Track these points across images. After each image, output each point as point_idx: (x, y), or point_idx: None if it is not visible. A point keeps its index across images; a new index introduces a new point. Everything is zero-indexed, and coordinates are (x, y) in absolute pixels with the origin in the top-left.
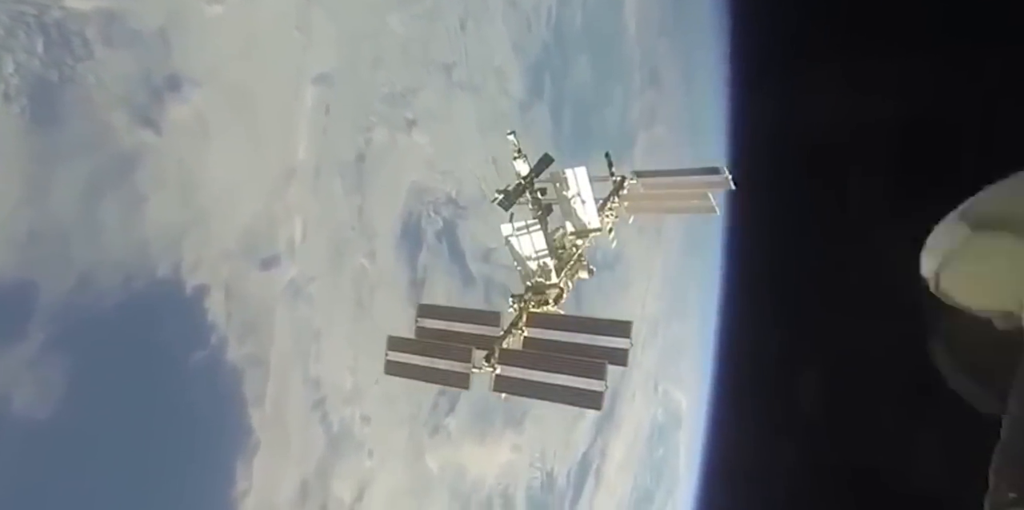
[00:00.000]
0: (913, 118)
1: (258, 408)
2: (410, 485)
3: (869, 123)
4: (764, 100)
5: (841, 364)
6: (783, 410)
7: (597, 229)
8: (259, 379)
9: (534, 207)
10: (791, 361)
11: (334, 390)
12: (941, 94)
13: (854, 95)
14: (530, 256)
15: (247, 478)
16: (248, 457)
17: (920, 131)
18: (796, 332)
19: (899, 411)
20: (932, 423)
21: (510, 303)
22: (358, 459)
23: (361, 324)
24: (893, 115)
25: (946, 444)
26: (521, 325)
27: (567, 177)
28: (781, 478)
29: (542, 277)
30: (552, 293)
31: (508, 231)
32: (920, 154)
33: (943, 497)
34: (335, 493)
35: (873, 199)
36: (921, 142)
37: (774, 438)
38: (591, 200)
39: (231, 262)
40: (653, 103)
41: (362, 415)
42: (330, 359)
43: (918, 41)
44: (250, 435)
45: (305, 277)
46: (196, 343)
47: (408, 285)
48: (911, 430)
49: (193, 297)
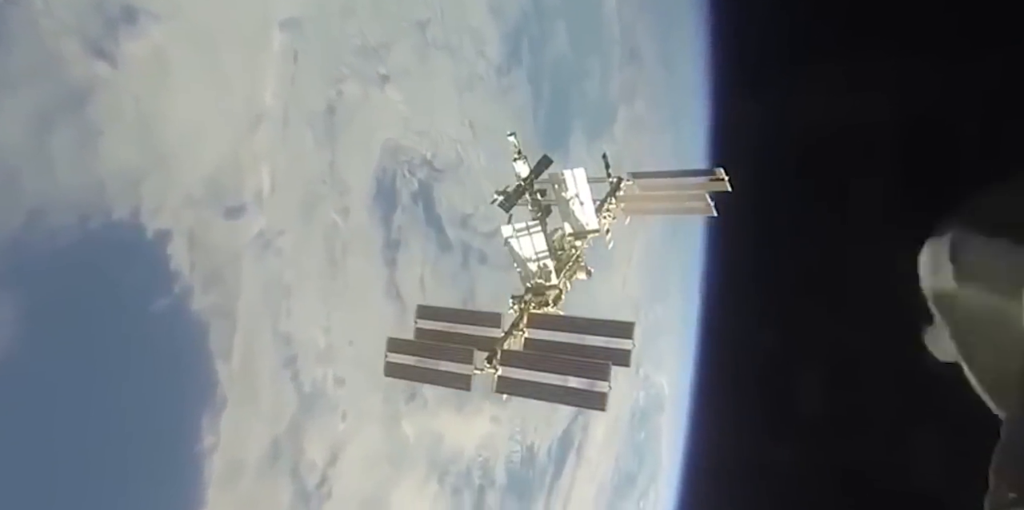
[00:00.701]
0: (896, 112)
1: (225, 362)
2: (386, 451)
3: (852, 112)
4: (747, 86)
5: (823, 350)
6: (766, 398)
7: (595, 230)
8: (226, 332)
9: (533, 208)
10: (773, 348)
11: (306, 348)
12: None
13: (838, 83)
14: (530, 257)
15: (214, 433)
16: (215, 412)
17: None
18: (777, 318)
19: (882, 397)
20: (914, 410)
21: (510, 304)
22: (332, 421)
23: (334, 282)
24: (876, 109)
25: (929, 435)
26: (522, 326)
27: (565, 178)
28: (765, 469)
29: (542, 278)
30: (552, 294)
31: (509, 232)
32: (905, 144)
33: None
34: (308, 455)
35: (847, 188)
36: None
37: (757, 428)
38: (589, 201)
39: (195, 209)
40: (633, 79)
41: (336, 376)
42: (301, 316)
43: (899, 35)
44: (216, 389)
45: (274, 230)
46: (158, 290)
47: (383, 246)
48: (896, 415)
49: (154, 242)
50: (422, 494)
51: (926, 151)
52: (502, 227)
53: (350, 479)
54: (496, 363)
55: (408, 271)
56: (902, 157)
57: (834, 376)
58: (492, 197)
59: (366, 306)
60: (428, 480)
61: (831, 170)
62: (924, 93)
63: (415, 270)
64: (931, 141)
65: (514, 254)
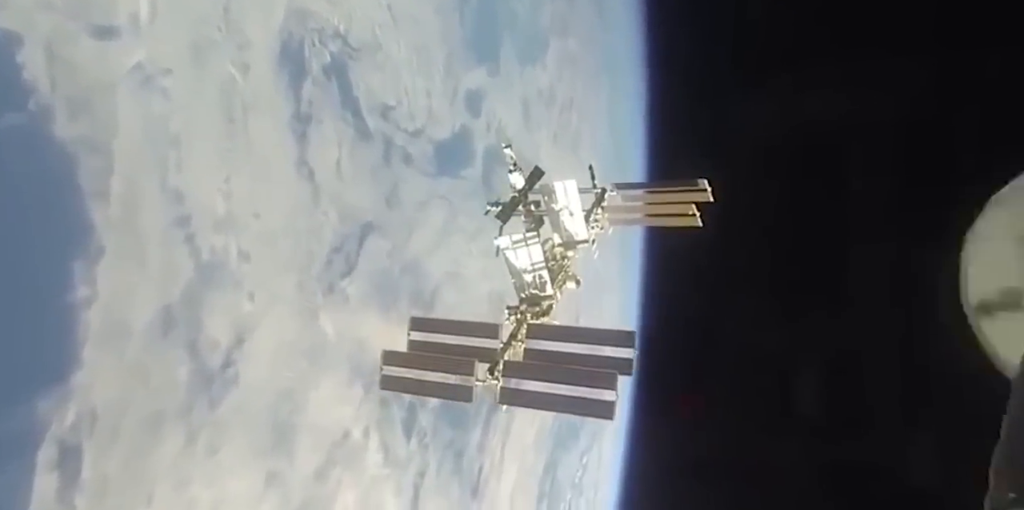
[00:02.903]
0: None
1: (100, 203)
2: (302, 345)
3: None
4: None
5: (770, 336)
6: (707, 349)
7: (585, 240)
8: (100, 171)
9: (527, 220)
10: (710, 331)
11: (201, 211)
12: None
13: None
14: (526, 268)
15: (89, 284)
16: (90, 260)
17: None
18: (714, 305)
19: (882, 397)
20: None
21: (506, 315)
22: (236, 299)
23: (234, 143)
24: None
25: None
26: (520, 336)
27: (556, 190)
28: (701, 424)
29: (537, 289)
30: (546, 304)
31: (506, 244)
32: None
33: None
34: (208, 331)
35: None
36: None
37: (702, 387)
38: (580, 212)
39: (52, 15)
40: (564, 15)
41: (240, 250)
42: (195, 173)
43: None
44: (91, 234)
45: (157, 66)
46: (7, 102)
47: (291, 116)
48: (895, 415)
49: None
50: (346, 399)
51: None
52: (500, 239)
53: (260, 367)
54: (499, 374)
55: (322, 151)
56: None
57: (832, 376)
58: (486, 209)
59: (273, 179)
60: (352, 385)
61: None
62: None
63: (330, 152)
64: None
65: (509, 265)
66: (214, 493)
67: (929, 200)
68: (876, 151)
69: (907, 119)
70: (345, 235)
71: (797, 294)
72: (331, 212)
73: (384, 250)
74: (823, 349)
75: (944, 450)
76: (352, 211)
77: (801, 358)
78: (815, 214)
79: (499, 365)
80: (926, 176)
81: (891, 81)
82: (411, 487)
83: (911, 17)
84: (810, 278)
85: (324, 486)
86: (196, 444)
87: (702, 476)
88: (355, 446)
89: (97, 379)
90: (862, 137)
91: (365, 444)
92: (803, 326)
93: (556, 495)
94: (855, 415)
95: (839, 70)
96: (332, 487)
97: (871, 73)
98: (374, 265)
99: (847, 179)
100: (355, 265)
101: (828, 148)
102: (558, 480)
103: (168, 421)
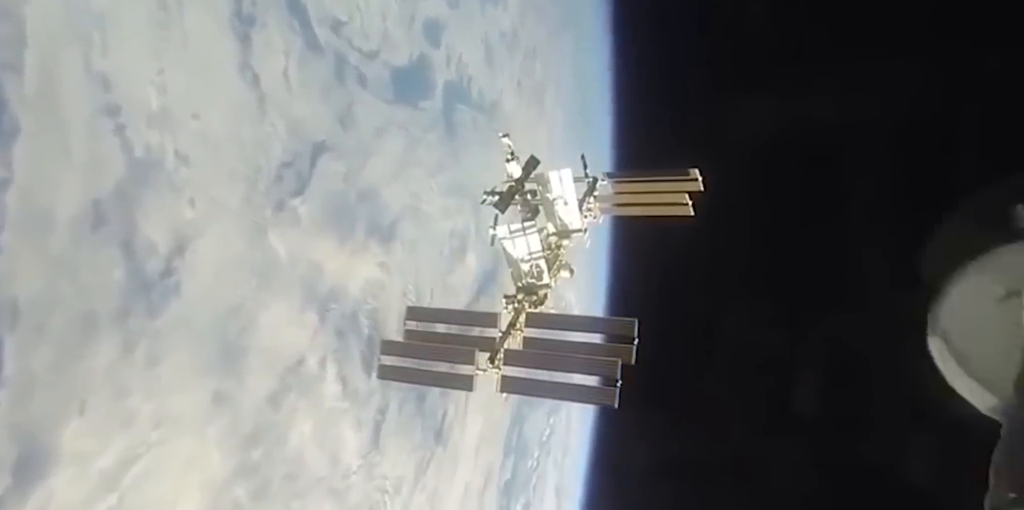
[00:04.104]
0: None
1: (13, 76)
2: (251, 262)
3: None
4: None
5: (770, 336)
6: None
7: (579, 229)
8: (11, 42)
9: (524, 209)
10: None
11: (131, 102)
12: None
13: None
14: (523, 258)
15: (3, 165)
16: (4, 139)
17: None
18: (715, 304)
19: (882, 396)
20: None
21: (504, 304)
22: (175, 202)
23: (168, 34)
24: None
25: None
26: (519, 325)
27: (551, 179)
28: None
29: (534, 278)
30: (542, 293)
31: (504, 233)
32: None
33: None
34: (145, 233)
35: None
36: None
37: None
38: (574, 201)
39: None
40: None
41: (177, 151)
42: (123, 59)
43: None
44: (3, 110)
45: None
46: None
47: (231, 14)
48: (896, 415)
49: None
50: (299, 323)
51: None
52: (497, 228)
53: (205, 280)
54: (499, 363)
55: (267, 57)
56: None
57: (832, 375)
58: (482, 198)
59: (214, 79)
60: (305, 311)
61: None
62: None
63: (277, 60)
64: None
65: (507, 254)
66: (155, 407)
67: (929, 200)
68: (876, 151)
69: (907, 119)
70: (296, 152)
71: (797, 294)
72: (279, 124)
73: (339, 173)
74: (823, 349)
75: (944, 450)
76: (303, 127)
77: (800, 358)
78: (815, 214)
79: (499, 354)
80: (926, 176)
81: (891, 81)
82: (371, 423)
83: (911, 17)
84: (810, 278)
85: (278, 413)
86: (134, 353)
87: (698, 475)
88: (310, 375)
89: (18, 268)
90: (861, 137)
91: (322, 374)
92: (803, 326)
93: (523, 451)
94: (855, 415)
95: (837, 70)
96: (287, 414)
97: (871, 73)
98: (328, 187)
99: (847, 179)
100: (307, 184)
101: (828, 148)
102: (524, 435)
103: (102, 324)
